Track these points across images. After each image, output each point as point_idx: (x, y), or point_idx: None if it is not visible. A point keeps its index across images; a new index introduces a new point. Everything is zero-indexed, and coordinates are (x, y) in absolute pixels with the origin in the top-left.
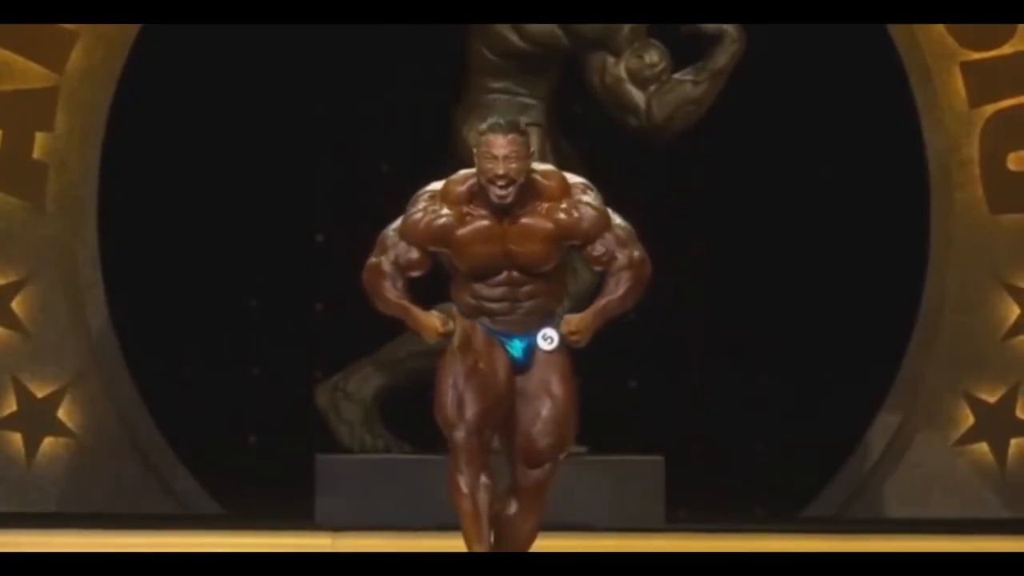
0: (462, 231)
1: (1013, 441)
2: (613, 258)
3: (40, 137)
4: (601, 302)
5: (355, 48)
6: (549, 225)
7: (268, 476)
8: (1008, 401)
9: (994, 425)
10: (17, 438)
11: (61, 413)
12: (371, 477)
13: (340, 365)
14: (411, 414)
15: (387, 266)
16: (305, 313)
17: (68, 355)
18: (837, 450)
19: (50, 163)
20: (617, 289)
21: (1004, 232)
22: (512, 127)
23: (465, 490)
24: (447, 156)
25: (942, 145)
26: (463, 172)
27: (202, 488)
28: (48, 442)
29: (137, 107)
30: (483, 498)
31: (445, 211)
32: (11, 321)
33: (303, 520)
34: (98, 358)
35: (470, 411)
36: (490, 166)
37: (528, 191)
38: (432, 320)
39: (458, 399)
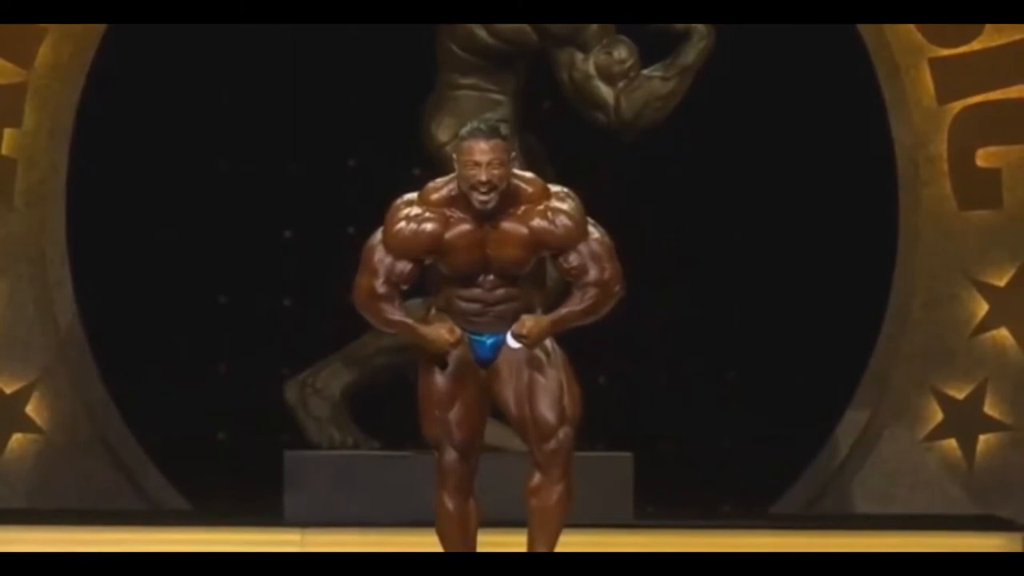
0: (448, 235)
1: (981, 437)
2: (584, 271)
3: (8, 133)
4: (561, 312)
5: (323, 45)
6: (524, 231)
7: (237, 473)
8: (976, 397)
9: (962, 421)
10: None
11: (30, 409)
12: (339, 474)
13: (309, 361)
14: (379, 410)
15: (381, 288)
16: (274, 309)
17: (36, 351)
18: (805, 447)
19: (18, 159)
20: (580, 303)
21: (972, 228)
22: (493, 132)
23: (453, 513)
24: (415, 152)
25: (910, 141)
26: (439, 179)
27: (171, 484)
28: (16, 438)
29: (106, 103)
30: (471, 523)
31: (428, 215)
32: None
33: (271, 517)
34: (66, 354)
35: (458, 434)
36: (472, 172)
37: (508, 196)
38: (439, 332)
39: (445, 419)
